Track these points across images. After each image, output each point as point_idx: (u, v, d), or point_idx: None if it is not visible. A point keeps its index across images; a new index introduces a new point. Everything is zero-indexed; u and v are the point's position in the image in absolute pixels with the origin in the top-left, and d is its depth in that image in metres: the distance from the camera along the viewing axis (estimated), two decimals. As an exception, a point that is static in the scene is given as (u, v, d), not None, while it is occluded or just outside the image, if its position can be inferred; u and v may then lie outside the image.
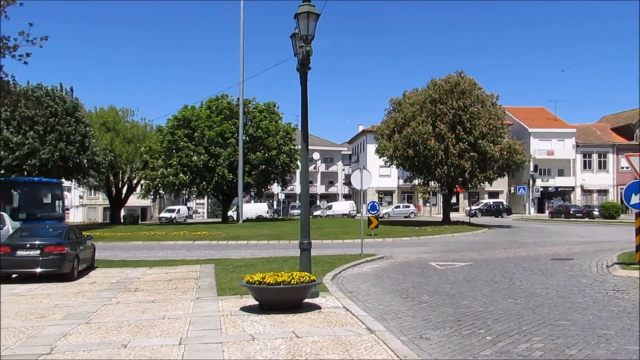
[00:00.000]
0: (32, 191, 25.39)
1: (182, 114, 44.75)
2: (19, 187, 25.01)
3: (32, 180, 29.45)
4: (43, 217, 24.51)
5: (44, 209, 25.37)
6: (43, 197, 25.83)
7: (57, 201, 26.44)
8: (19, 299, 11.11)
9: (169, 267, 16.66)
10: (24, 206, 23.90)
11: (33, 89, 35.32)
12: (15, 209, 23.37)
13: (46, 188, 26.97)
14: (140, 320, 8.55)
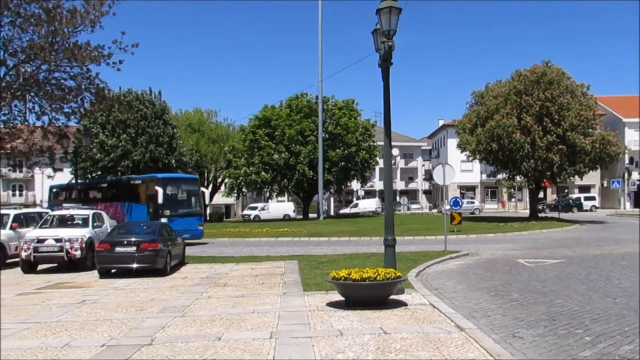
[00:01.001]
0: (174, 187, 25.48)
1: (262, 114, 45.74)
2: (162, 183, 25.07)
3: (173, 176, 30.00)
4: (184, 214, 25.02)
5: (185, 206, 25.72)
6: (183, 193, 26.08)
7: (194, 197, 26.54)
8: (119, 292, 11.79)
9: (254, 263, 17.11)
10: (166, 203, 24.12)
11: (125, 94, 37.36)
12: (160, 206, 23.86)
13: (185, 184, 27.26)
14: (231, 314, 8.84)
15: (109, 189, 29.20)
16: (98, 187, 30.10)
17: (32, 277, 14.99)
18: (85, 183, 33.35)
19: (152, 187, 24.90)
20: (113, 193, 28.59)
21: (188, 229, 24.78)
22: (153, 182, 25.61)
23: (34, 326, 8.31)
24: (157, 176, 27.62)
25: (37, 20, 23.02)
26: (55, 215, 18.45)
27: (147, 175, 32.64)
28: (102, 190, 29.41)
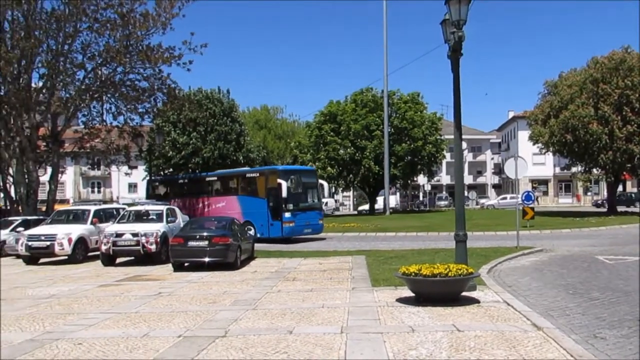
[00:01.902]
0: (296, 180, 24.45)
1: (328, 109, 45.86)
2: (285, 175, 24.24)
3: (295, 168, 29.49)
4: (306, 208, 24.46)
5: (306, 199, 25.00)
6: (304, 186, 25.11)
7: (314, 190, 25.68)
8: (192, 285, 12.16)
9: (322, 258, 17.18)
10: (290, 197, 23.44)
11: (194, 93, 38.47)
12: (284, 200, 23.23)
13: (305, 176, 26.18)
14: (301, 308, 8.92)
15: (219, 182, 28.11)
16: (205, 180, 28.91)
17: (111, 270, 15.72)
18: (189, 176, 32.43)
19: (273, 180, 24.06)
20: (224, 186, 27.57)
21: (310, 224, 24.55)
22: (274, 174, 24.69)
23: (115, 316, 8.70)
24: (278, 168, 27.14)
25: (112, 25, 24.15)
26: (131, 211, 19.24)
27: (266, 167, 32.46)
28: (210, 183, 28.23)
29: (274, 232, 23.57)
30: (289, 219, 23.51)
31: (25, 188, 25.02)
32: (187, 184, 29.64)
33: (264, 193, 24.36)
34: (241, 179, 26.59)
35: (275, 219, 23.57)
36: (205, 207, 26.92)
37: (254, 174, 26.33)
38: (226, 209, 25.15)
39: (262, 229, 23.89)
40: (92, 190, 70.62)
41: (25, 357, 6.32)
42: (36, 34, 23.60)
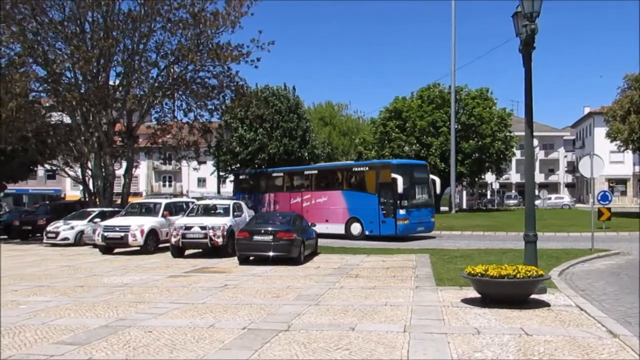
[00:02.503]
0: (409, 174, 23.32)
1: (393, 106, 45.45)
2: (399, 170, 23.10)
3: (408, 162, 27.68)
4: (419, 205, 23.47)
5: (419, 195, 23.92)
6: (417, 181, 23.96)
7: (426, 186, 24.43)
8: (257, 279, 12.38)
9: (385, 255, 17.09)
10: (403, 193, 22.35)
11: (261, 90, 39.09)
12: (399, 196, 22.30)
13: (418, 170, 24.87)
14: (364, 305, 8.89)
15: (320, 176, 26.80)
16: (304, 174, 27.73)
17: (180, 261, 16.26)
18: (284, 170, 30.90)
19: (385, 174, 23.05)
20: (326, 181, 26.42)
21: (422, 222, 23.69)
22: (387, 168, 23.62)
23: (183, 306, 8.98)
24: (392, 162, 25.84)
25: (184, 24, 24.92)
26: (200, 205, 19.83)
27: (377, 161, 31.45)
28: (309, 177, 26.95)
29: (386, 230, 22.84)
30: (404, 216, 22.69)
31: (102, 181, 26.26)
32: (281, 178, 28.75)
33: (374, 188, 23.46)
34: (347, 173, 25.63)
35: (387, 216, 22.76)
36: (303, 201, 26.18)
37: (362, 167, 25.40)
38: (328, 205, 24.85)
39: (371, 226, 23.30)
40: (163, 184, 73.24)
41: (99, 342, 6.63)
42: (114, 34, 24.69)
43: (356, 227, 23.89)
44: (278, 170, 30.46)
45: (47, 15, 24.28)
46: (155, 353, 6.19)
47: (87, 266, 15.33)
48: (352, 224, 24.07)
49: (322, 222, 23.44)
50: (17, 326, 7.56)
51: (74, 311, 8.68)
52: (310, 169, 28.05)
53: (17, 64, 23.93)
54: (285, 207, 25.94)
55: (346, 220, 24.26)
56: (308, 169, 28.29)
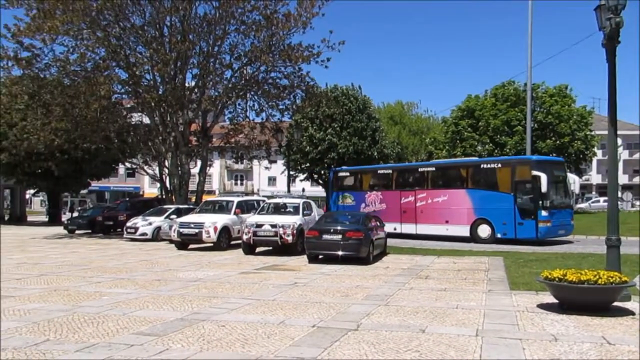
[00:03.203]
0: (551, 172, 21.34)
1: (465, 104, 44.46)
2: (541, 167, 21.28)
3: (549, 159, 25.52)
4: (560, 206, 21.62)
5: (559, 195, 21.97)
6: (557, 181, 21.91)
7: (563, 184, 22.30)
8: (326, 277, 12.45)
9: (456, 257, 16.75)
10: (545, 192, 20.53)
11: (331, 89, 39.32)
12: (542, 196, 20.52)
13: (557, 168, 22.71)
14: (434, 307, 8.75)
15: (438, 174, 24.93)
16: (418, 170, 25.79)
17: (251, 258, 16.61)
18: (394, 166, 29.44)
19: (523, 172, 21.29)
20: (446, 178, 24.55)
21: (563, 224, 21.63)
22: (526, 165, 21.71)
23: (254, 302, 9.18)
24: (531, 158, 23.17)
25: (257, 26, 25.47)
26: (271, 203, 20.18)
27: (512, 157, 28.56)
28: (425, 175, 25.01)
29: (523, 233, 20.90)
30: (546, 218, 20.62)
31: (178, 179, 27.26)
32: (389, 175, 26.63)
33: (509, 187, 21.53)
34: (472, 170, 23.47)
35: (526, 218, 20.83)
36: (416, 201, 24.35)
37: (492, 164, 23.10)
38: (449, 204, 23.10)
39: (504, 228, 21.43)
40: (235, 182, 75.05)
41: (175, 334, 6.89)
42: (190, 37, 25.58)
43: (484, 229, 21.99)
44: (385, 167, 29.17)
45: (129, 20, 25.49)
46: (228, 347, 6.36)
47: (163, 261, 15.97)
48: (480, 226, 22.15)
49: (440, 224, 22.83)
50: (100, 316, 7.99)
51: (152, 303, 9.06)
52: (426, 166, 26.10)
53: (102, 67, 25.27)
54: (394, 207, 24.94)
55: (472, 221, 22.34)
56: (423, 166, 26.40)
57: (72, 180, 37.44)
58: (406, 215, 24.54)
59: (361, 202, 26.45)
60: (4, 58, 24.33)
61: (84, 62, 24.91)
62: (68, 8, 22.99)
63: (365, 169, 30.06)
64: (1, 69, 24.88)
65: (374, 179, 27.47)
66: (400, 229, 24.52)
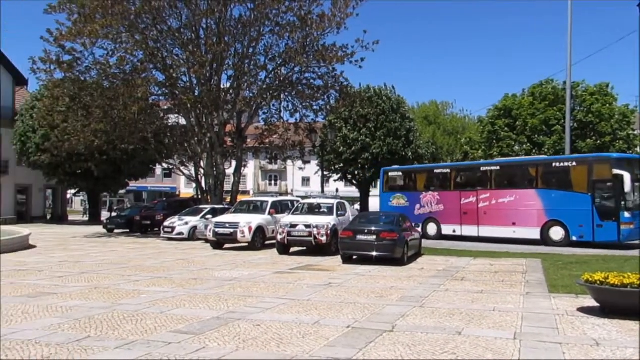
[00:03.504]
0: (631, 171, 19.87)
1: (502, 104, 43.69)
2: (623, 165, 19.97)
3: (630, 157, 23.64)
4: None
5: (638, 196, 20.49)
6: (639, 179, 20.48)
7: None
8: (360, 278, 12.42)
9: (493, 258, 16.50)
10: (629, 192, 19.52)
11: (364, 90, 39.22)
12: (624, 196, 19.50)
13: (637, 166, 20.94)
14: (470, 310, 8.63)
15: (503, 173, 23.72)
16: (480, 169, 24.58)
17: (285, 258, 16.70)
18: (452, 165, 28.02)
19: (602, 170, 20.17)
20: (513, 177, 23.35)
21: None
22: (605, 163, 20.55)
23: (289, 302, 9.22)
24: (612, 156, 21.74)
25: (292, 27, 25.61)
26: (305, 204, 20.24)
27: (589, 155, 27.02)
28: (488, 174, 23.71)
29: (603, 236, 19.65)
30: (629, 220, 19.48)
31: (213, 179, 27.62)
32: (448, 174, 25.34)
33: (586, 186, 20.34)
34: (542, 169, 22.30)
35: (606, 219, 19.60)
36: (478, 202, 23.19)
37: (566, 163, 21.67)
38: (516, 205, 21.94)
39: (580, 231, 20.19)
40: (269, 182, 75.54)
41: (212, 333, 6.98)
42: (226, 39, 25.88)
43: (557, 231, 20.78)
44: (443, 166, 28.09)
45: (166, 23, 25.96)
46: (263, 346, 6.41)
47: (199, 260, 16.19)
48: (552, 228, 20.97)
49: (507, 226, 21.98)
50: (139, 314, 8.15)
51: (188, 302, 9.20)
52: (490, 165, 24.70)
53: (140, 70, 25.79)
54: (453, 208, 23.92)
55: (543, 223, 21.23)
56: (486, 165, 25.03)
57: (111, 180, 38.29)
58: (467, 216, 23.50)
59: (415, 203, 25.37)
60: (47, 62, 25.05)
61: (123, 64, 25.48)
62: (108, 12, 23.56)
63: (420, 168, 29.08)
64: (44, 73, 25.57)
65: (430, 178, 26.33)
66: (460, 231, 23.72)
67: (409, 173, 27.76)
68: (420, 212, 24.92)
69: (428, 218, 24.81)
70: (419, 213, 24.87)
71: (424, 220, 24.63)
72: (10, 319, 7.70)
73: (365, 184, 42.68)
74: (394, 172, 27.85)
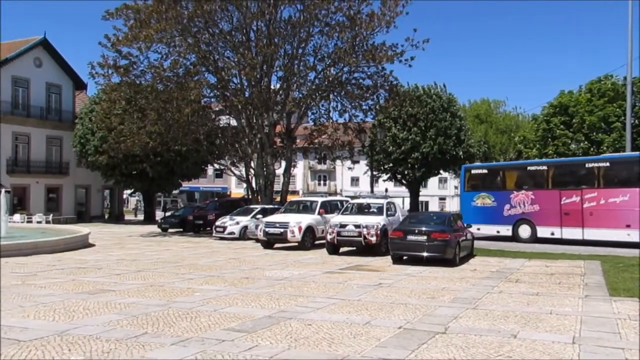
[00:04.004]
0: None
1: (558, 100, 42.36)
2: None
3: None
4: None
5: None
6: None
7: None
8: (411, 279, 12.29)
9: (548, 260, 16.03)
10: None
11: (413, 89, 38.81)
12: None
13: None
14: (526, 312, 8.40)
15: (616, 171, 21.82)
16: (584, 167, 22.49)
17: (334, 258, 16.71)
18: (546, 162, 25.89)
19: None
20: (626, 175, 21.36)
21: None
22: None
23: (339, 302, 9.22)
24: None
25: (341, 27, 25.60)
26: (354, 204, 20.20)
27: None
28: (595, 172, 21.87)
29: None
30: None
31: (263, 180, 27.94)
32: (544, 172, 23.42)
33: None
34: None
35: None
36: (583, 201, 21.41)
37: None
38: (632, 205, 20.08)
39: None
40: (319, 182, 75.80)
41: (264, 331, 7.06)
42: (275, 40, 26.13)
43: None
44: (538, 163, 25.91)
45: (217, 26, 26.44)
46: (315, 345, 6.43)
47: (250, 259, 16.42)
48: None
49: (619, 228, 20.17)
50: (193, 311, 8.33)
51: (240, 300, 9.34)
52: (597, 161, 22.59)
53: (192, 72, 26.38)
54: (550, 209, 22.19)
55: None
56: (592, 161, 22.89)
57: (165, 180, 39.32)
58: (569, 218, 21.65)
59: (504, 202, 23.53)
60: (104, 66, 25.95)
61: (176, 68, 26.11)
62: (162, 17, 24.19)
63: (510, 165, 27.06)
64: (102, 77, 26.50)
65: (522, 176, 24.37)
66: (559, 233, 21.98)
67: (497, 170, 25.79)
68: (511, 212, 23.24)
69: (520, 219, 23.07)
70: (509, 214, 23.28)
71: (515, 221, 23.10)
72: (72, 314, 8.03)
73: (415, 184, 42.22)
74: (477, 169, 25.99)
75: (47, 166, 39.95)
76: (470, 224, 18.56)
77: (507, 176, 24.82)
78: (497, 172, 25.47)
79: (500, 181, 24.71)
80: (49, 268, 13.65)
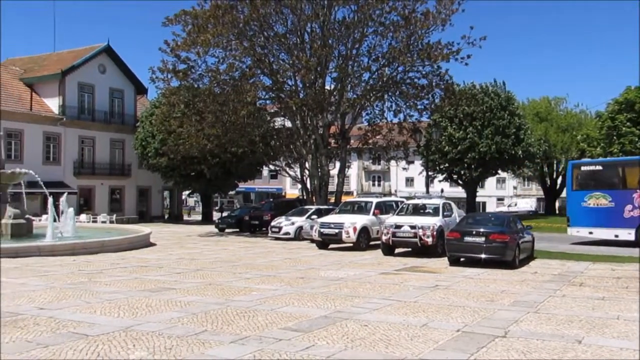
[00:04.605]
0: None
1: (624, 97, 40.48)
2: None
3: None
4: None
5: None
6: None
7: None
8: (469, 281, 12.06)
9: (615, 263, 15.38)
10: None
11: (470, 87, 38.05)
12: None
13: None
14: (591, 317, 8.10)
15: None
16: None
17: (390, 259, 16.60)
18: None
19: None
20: None
21: None
22: None
23: (395, 303, 9.16)
24: None
25: (396, 27, 25.42)
26: (409, 204, 20.00)
27: None
28: None
29: None
30: None
31: (318, 180, 28.06)
32: None
33: None
34: None
35: None
36: None
37: None
38: None
39: None
40: (373, 183, 75.49)
41: (320, 331, 7.10)
42: (330, 41, 26.21)
43: None
44: None
45: (272, 29, 26.76)
46: (371, 346, 6.41)
47: (305, 259, 16.53)
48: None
49: None
50: (251, 310, 8.47)
51: (297, 300, 9.42)
52: None
53: (248, 75, 26.80)
54: None
55: None
56: None
57: (222, 181, 40.10)
58: None
59: (625, 203, 20.64)
60: (164, 71, 26.74)
61: (233, 71, 26.59)
62: (219, 22, 24.70)
63: (630, 161, 23.81)
64: (162, 81, 27.30)
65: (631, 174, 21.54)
66: None
67: (614, 167, 22.87)
68: (633, 214, 20.44)
69: None
70: (631, 215, 20.44)
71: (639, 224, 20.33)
72: (135, 311, 8.32)
73: (472, 184, 41.40)
74: (588, 165, 23.18)
75: (111, 168, 41.62)
76: (580, 226, 17.18)
77: (628, 173, 21.68)
78: (614, 169, 22.59)
79: (619, 179, 21.82)
80: (113, 266, 14.21)
